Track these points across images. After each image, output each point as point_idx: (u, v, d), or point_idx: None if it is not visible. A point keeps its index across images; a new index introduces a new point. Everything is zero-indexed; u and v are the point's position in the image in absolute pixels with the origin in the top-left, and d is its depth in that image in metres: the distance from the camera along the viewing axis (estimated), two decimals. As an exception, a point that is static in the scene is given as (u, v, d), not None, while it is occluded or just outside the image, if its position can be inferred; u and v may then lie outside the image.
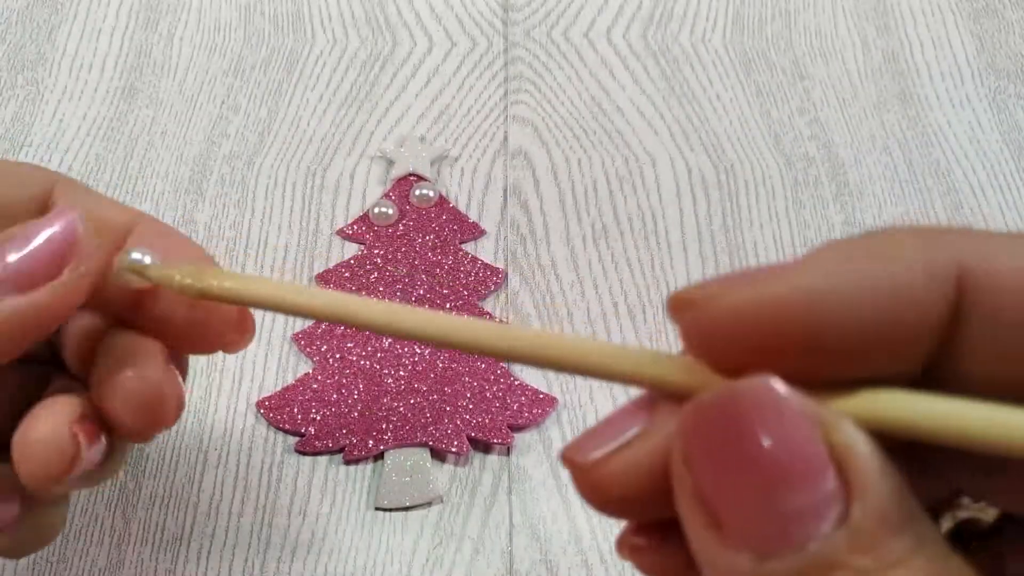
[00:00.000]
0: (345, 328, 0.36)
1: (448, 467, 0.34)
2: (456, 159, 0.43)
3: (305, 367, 0.36)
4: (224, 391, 0.36)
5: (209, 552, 0.32)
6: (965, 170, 0.43)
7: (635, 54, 0.47)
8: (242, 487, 0.34)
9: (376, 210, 0.40)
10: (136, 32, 0.47)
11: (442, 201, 0.41)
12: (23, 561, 0.32)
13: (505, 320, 0.38)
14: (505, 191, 0.42)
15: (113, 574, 0.32)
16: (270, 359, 0.36)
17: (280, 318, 0.37)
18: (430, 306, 0.37)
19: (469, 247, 0.40)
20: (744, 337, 0.14)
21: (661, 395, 0.16)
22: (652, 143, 0.43)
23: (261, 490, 0.34)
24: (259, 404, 0.35)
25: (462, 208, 0.41)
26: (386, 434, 0.34)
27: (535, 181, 0.42)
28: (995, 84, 0.46)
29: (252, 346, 0.37)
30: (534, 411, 0.35)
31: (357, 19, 0.48)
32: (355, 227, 0.40)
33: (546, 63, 0.46)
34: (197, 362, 0.36)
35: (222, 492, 0.34)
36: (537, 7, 0.49)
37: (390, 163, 0.42)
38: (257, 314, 0.38)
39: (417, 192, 0.40)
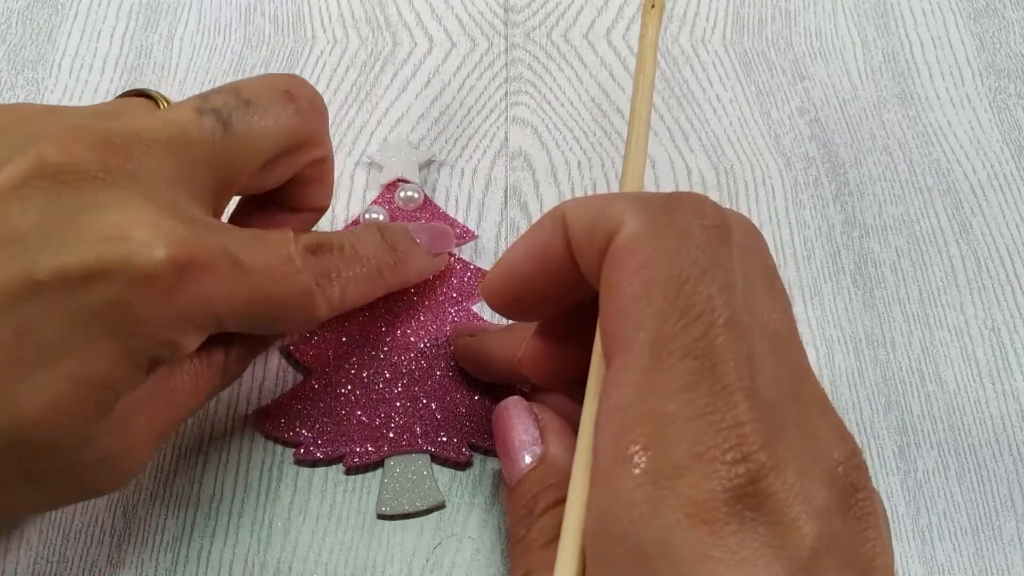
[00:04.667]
0: (343, 336, 0.36)
1: (449, 471, 0.34)
2: (456, 160, 0.43)
3: (302, 375, 0.36)
4: (224, 393, 0.36)
5: (209, 552, 0.33)
6: (965, 170, 0.43)
7: (635, 55, 0.47)
8: (242, 487, 0.34)
9: (367, 216, 0.40)
10: (136, 32, 0.47)
11: (427, 202, 0.41)
12: (23, 561, 0.32)
13: (503, 323, 0.38)
14: (505, 192, 0.42)
15: (113, 574, 0.32)
16: (270, 360, 0.36)
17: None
18: (424, 310, 0.37)
19: (468, 248, 0.40)
20: (498, 288, 0.27)
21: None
22: (652, 144, 0.43)
23: (261, 490, 0.34)
24: (255, 415, 0.35)
25: (462, 209, 0.41)
26: (385, 441, 0.34)
27: (535, 182, 0.42)
28: (995, 84, 0.46)
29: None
30: (534, 412, 0.35)
31: (357, 19, 0.48)
32: (348, 232, 0.40)
33: (546, 64, 0.46)
34: (197, 363, 0.36)
35: (222, 492, 0.34)
36: (537, 8, 0.49)
37: (379, 168, 0.42)
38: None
39: (402, 194, 0.40)
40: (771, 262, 0.24)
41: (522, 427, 0.27)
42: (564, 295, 0.25)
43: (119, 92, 0.45)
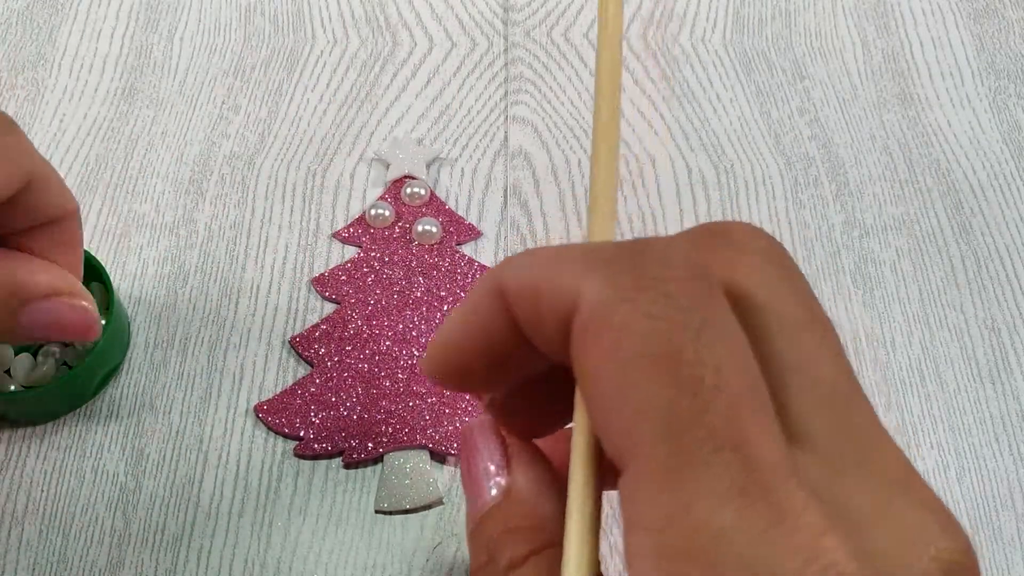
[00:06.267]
0: (344, 331, 0.37)
1: (448, 468, 0.34)
2: (456, 160, 0.43)
3: (304, 370, 0.36)
4: (224, 392, 0.36)
5: (209, 552, 0.32)
6: (965, 170, 0.43)
7: (635, 54, 0.47)
8: (242, 487, 0.34)
9: (372, 212, 0.40)
10: (136, 32, 0.47)
11: (433, 198, 0.41)
12: (23, 561, 0.32)
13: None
14: (505, 191, 0.42)
15: (113, 574, 0.32)
16: (270, 360, 0.36)
17: (280, 320, 0.37)
18: (427, 309, 0.37)
19: (469, 248, 0.40)
20: (438, 370, 0.22)
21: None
22: (652, 143, 0.43)
23: (261, 490, 0.34)
24: (257, 408, 0.35)
25: (462, 208, 0.41)
26: (385, 437, 0.34)
27: (535, 181, 0.42)
28: (995, 84, 0.46)
29: (252, 347, 0.37)
30: (534, 412, 0.35)
31: (357, 19, 0.48)
32: (351, 230, 0.40)
33: (546, 63, 0.46)
34: (197, 363, 0.36)
35: (222, 492, 0.34)
36: (537, 7, 0.49)
37: (386, 165, 0.42)
38: (257, 315, 0.38)
39: (408, 190, 0.40)
40: (806, 288, 0.19)
41: (487, 453, 0.22)
42: (518, 370, 0.21)
43: (119, 92, 0.45)
